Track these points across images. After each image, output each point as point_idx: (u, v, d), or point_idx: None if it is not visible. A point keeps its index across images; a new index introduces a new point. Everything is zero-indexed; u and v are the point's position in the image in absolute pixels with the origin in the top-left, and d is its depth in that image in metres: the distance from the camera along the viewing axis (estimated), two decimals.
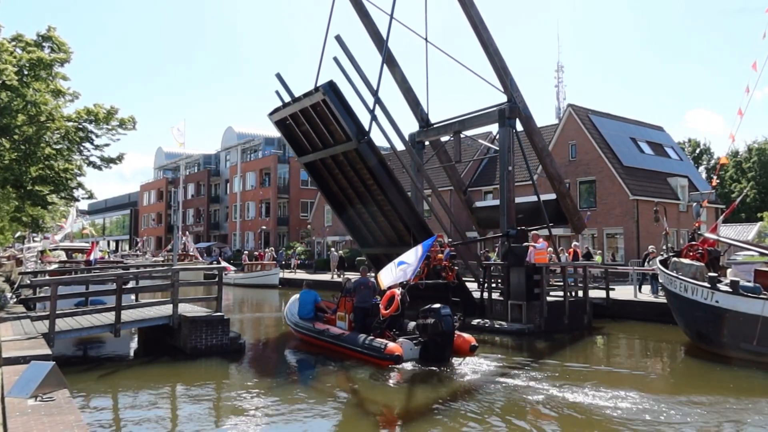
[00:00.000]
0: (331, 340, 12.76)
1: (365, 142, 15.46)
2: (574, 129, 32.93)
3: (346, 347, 12.14)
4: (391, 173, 16.22)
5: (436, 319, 11.11)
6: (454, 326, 11.43)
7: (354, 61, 16.51)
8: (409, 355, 11.17)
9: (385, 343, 11.18)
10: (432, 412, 8.55)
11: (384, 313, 11.63)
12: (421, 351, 11.39)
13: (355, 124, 15.44)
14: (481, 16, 17.67)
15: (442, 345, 11.23)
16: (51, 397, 6.36)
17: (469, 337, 12.03)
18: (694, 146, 62.80)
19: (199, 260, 41.72)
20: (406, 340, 11.44)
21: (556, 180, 18.44)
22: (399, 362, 10.87)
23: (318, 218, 51.17)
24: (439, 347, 11.23)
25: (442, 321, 11.08)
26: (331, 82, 15.21)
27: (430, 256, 12.46)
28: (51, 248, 25.56)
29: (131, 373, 11.24)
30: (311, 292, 14.96)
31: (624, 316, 18.10)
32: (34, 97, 15.47)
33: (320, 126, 16.59)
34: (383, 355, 10.93)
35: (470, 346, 11.74)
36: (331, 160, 17.54)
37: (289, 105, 17.11)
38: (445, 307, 11.50)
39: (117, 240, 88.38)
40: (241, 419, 8.16)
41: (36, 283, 15.21)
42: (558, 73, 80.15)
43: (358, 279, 13.20)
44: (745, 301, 11.61)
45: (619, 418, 8.09)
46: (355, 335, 12.08)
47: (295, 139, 18.42)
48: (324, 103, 15.45)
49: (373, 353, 11.20)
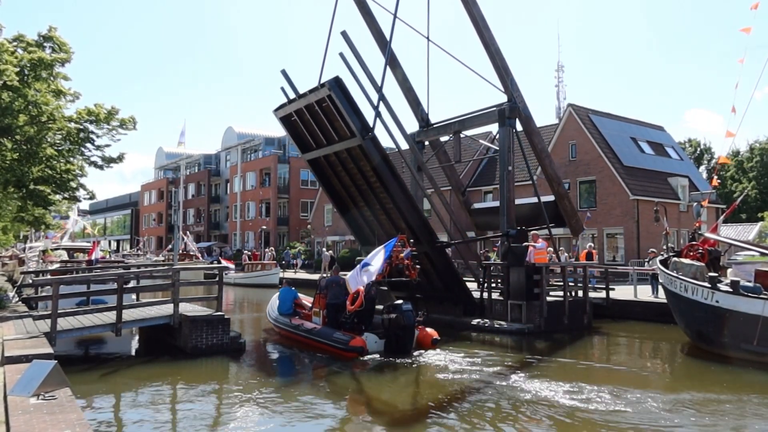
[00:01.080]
0: (304, 335, 13.62)
1: (369, 139, 15.51)
2: (575, 129, 32.94)
3: (317, 341, 13.05)
4: (395, 170, 16.29)
5: (397, 314, 12.06)
6: (415, 321, 12.36)
7: (359, 58, 16.76)
8: (373, 348, 12.13)
9: (350, 336, 12.08)
10: (432, 412, 8.57)
11: (349, 308, 12.39)
12: (386, 344, 12.33)
13: (360, 120, 15.50)
14: (483, 15, 17.71)
15: (403, 338, 12.13)
16: (53, 396, 6.39)
17: (432, 331, 13.04)
18: (695, 146, 62.78)
19: (200, 260, 41.83)
20: (370, 334, 12.32)
21: (555, 181, 18.46)
22: (362, 354, 11.80)
23: (318, 218, 51.20)
24: (401, 340, 12.13)
25: (403, 316, 12.03)
26: (337, 78, 15.32)
27: (392, 256, 13.22)
28: (53, 248, 25.64)
29: (132, 372, 11.28)
30: (291, 290, 15.68)
31: (624, 317, 18.10)
32: (36, 98, 15.47)
33: (325, 122, 16.66)
34: (348, 348, 11.88)
35: (432, 339, 12.78)
36: (334, 156, 17.58)
37: (295, 101, 17.19)
38: (407, 303, 12.43)
39: (118, 240, 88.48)
40: (242, 418, 8.19)
41: (38, 282, 15.25)
42: (558, 72, 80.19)
43: (331, 277, 14.08)
44: (746, 301, 11.61)
45: (619, 418, 8.11)
46: (325, 329, 13.00)
47: (300, 135, 18.47)
48: (329, 98, 15.53)
49: (339, 346, 12.14)
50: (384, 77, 16.80)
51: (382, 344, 12.33)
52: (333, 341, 12.39)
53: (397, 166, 16.77)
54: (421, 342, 12.67)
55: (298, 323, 14.10)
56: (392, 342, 12.26)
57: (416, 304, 14.68)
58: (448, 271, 17.54)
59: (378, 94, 16.44)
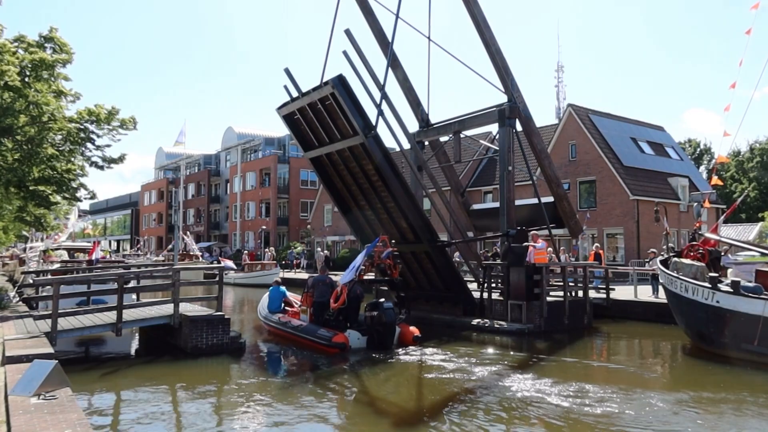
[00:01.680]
0: (291, 331, 14.11)
1: (372, 137, 15.56)
2: (574, 129, 32.93)
3: (303, 337, 13.53)
4: (397, 169, 16.34)
5: (379, 312, 12.76)
6: (395, 319, 13.04)
7: (362, 56, 16.95)
8: (356, 344, 12.78)
9: (333, 333, 12.68)
10: (432, 411, 8.60)
11: (333, 306, 13.22)
12: (368, 340, 12.94)
13: (363, 118, 15.57)
14: (484, 15, 17.73)
15: (384, 335, 12.81)
16: (54, 396, 6.40)
17: (413, 329, 13.61)
18: (695, 146, 62.75)
19: (200, 260, 41.89)
20: (353, 331, 12.95)
21: (554, 183, 18.45)
22: (344, 350, 12.38)
23: (318, 218, 51.19)
24: (382, 337, 12.81)
25: (384, 314, 12.73)
26: (340, 76, 15.42)
27: (374, 255, 13.90)
28: (53, 248, 25.64)
29: (132, 371, 11.28)
30: (280, 289, 16.26)
31: (624, 317, 18.10)
32: (36, 98, 15.49)
33: (327, 120, 16.72)
34: (331, 344, 12.44)
35: (413, 336, 13.32)
36: (337, 155, 17.61)
37: (298, 99, 17.26)
38: (388, 302, 13.18)
39: (118, 240, 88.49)
40: (242, 418, 8.19)
41: (38, 282, 15.25)
42: (558, 72, 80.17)
43: (317, 276, 14.68)
44: (746, 301, 11.60)
45: (620, 418, 8.11)
46: (310, 326, 13.51)
47: (302, 134, 18.52)
48: (332, 96, 15.61)
49: (323, 342, 12.68)
50: (386, 76, 16.97)
51: (365, 341, 12.94)
52: (317, 338, 12.91)
53: (398, 165, 16.84)
54: (402, 339, 13.24)
55: (286, 320, 14.65)
56: (374, 338, 12.87)
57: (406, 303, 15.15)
58: (448, 270, 17.54)
59: (380, 92, 16.59)
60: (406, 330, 13.41)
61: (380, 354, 12.28)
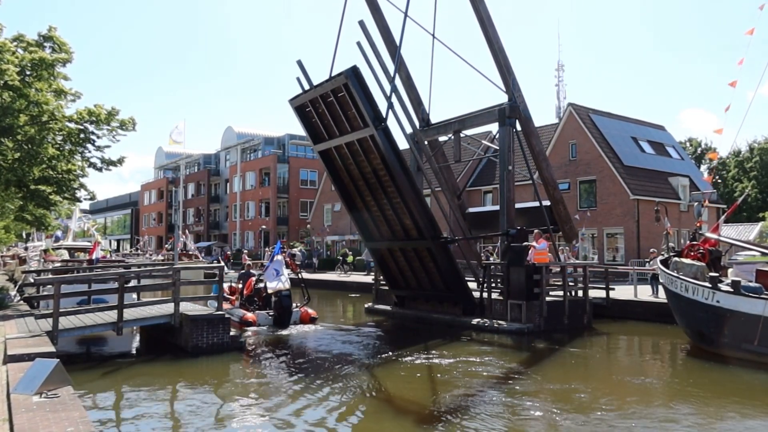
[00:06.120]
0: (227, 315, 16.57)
1: (381, 129, 15.60)
2: (575, 128, 32.92)
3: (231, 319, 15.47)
4: (404, 163, 16.43)
5: (279, 298, 16.53)
6: (291, 304, 16.80)
7: (375, 48, 17.19)
8: (264, 322, 16.45)
9: (243, 312, 16.52)
10: (431, 411, 8.61)
11: (245, 292, 17.64)
12: (274, 319, 16.56)
13: (374, 109, 15.64)
14: (488, 12, 17.74)
15: (283, 315, 16.51)
16: (55, 394, 6.41)
17: (312, 312, 17.39)
18: (695, 146, 62.76)
19: (200, 260, 41.88)
20: (262, 312, 16.75)
21: (551, 185, 18.44)
22: (251, 326, 15.98)
23: (317, 218, 51.21)
24: (282, 317, 16.51)
25: (281, 300, 16.48)
26: (354, 67, 15.53)
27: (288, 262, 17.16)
28: (54, 247, 25.64)
29: (133, 370, 11.30)
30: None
31: (624, 316, 18.11)
32: (36, 97, 15.51)
33: (339, 112, 16.79)
34: (242, 321, 16.06)
35: (310, 317, 17.12)
36: (345, 149, 17.63)
37: (311, 90, 17.33)
38: (287, 291, 16.66)
39: (118, 239, 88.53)
40: (242, 417, 8.22)
41: (39, 281, 15.25)
42: (558, 72, 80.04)
43: (243, 271, 18.90)
44: (747, 301, 11.61)
45: (619, 418, 8.13)
46: (234, 309, 16.77)
47: (312, 126, 18.53)
48: (345, 87, 15.68)
49: (236, 320, 15.92)
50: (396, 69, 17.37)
51: (271, 320, 16.55)
52: (234, 317, 15.95)
53: (405, 160, 17.01)
54: (303, 318, 16.99)
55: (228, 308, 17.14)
56: (277, 318, 16.51)
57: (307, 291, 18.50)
58: (450, 268, 17.53)
59: (390, 85, 16.81)
60: (305, 313, 17.17)
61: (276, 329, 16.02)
